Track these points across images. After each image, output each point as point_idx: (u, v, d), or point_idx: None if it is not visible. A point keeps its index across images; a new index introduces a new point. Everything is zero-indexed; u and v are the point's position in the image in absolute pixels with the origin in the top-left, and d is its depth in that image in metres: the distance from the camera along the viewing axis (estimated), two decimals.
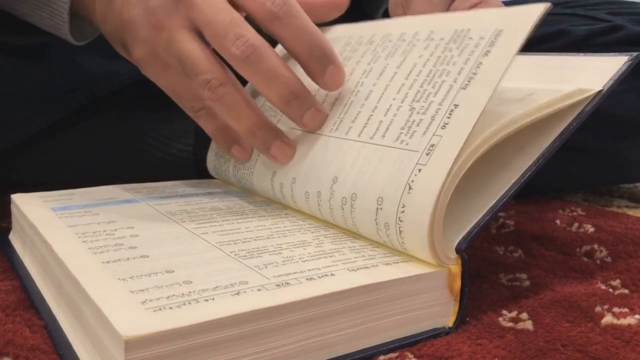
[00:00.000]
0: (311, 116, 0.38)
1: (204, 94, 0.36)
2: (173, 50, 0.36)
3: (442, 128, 0.31)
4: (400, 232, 0.30)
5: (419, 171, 0.30)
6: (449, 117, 0.31)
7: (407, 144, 0.32)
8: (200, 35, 0.36)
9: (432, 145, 0.31)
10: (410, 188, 0.30)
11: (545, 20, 0.62)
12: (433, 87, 0.33)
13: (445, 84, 0.33)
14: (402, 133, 0.33)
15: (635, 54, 0.36)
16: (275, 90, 0.36)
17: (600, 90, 0.35)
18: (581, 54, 0.39)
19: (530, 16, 0.31)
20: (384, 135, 0.34)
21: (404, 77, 0.36)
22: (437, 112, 0.32)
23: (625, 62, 0.36)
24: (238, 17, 0.36)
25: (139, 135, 0.57)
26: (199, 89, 0.37)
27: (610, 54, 0.37)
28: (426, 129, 0.32)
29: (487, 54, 0.32)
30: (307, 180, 0.37)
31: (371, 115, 0.36)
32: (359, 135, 0.35)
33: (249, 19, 0.37)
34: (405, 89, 0.35)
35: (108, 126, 0.57)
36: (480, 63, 0.32)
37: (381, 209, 0.31)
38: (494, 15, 0.33)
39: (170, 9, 0.36)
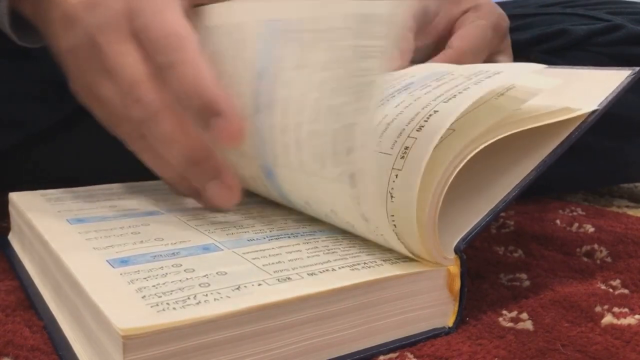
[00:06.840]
0: (214, 188, 0.33)
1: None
2: None
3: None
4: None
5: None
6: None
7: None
8: None
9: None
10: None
11: (545, 20, 0.62)
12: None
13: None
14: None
15: (637, 68, 0.36)
16: (172, 156, 0.33)
17: (595, 110, 0.34)
18: (584, 67, 0.39)
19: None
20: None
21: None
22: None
23: (627, 76, 0.36)
24: (140, 78, 0.32)
25: None
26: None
27: (612, 68, 0.37)
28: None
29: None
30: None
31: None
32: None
33: None
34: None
35: None
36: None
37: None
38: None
39: (86, 50, 0.34)
